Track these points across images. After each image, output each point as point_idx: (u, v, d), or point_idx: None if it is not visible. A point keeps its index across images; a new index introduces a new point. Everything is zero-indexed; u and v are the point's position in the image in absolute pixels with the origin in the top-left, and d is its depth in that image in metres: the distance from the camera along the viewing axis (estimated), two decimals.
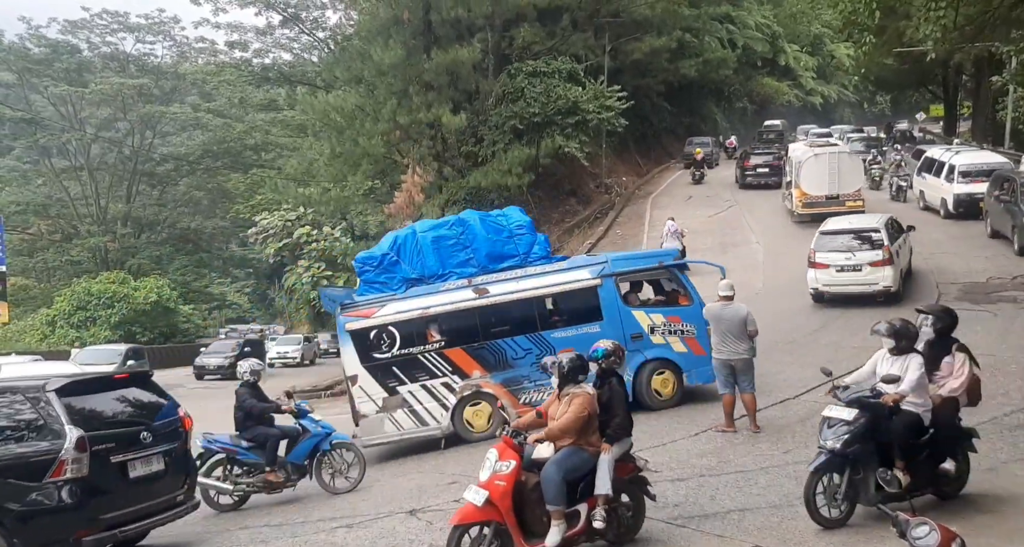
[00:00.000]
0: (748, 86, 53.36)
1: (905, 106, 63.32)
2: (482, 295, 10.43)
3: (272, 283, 56.62)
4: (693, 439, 8.79)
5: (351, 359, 10.50)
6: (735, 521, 6.31)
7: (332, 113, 26.96)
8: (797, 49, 54.70)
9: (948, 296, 14.01)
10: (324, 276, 40.48)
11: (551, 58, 30.90)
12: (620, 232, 27.39)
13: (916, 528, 3.05)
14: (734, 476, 7.39)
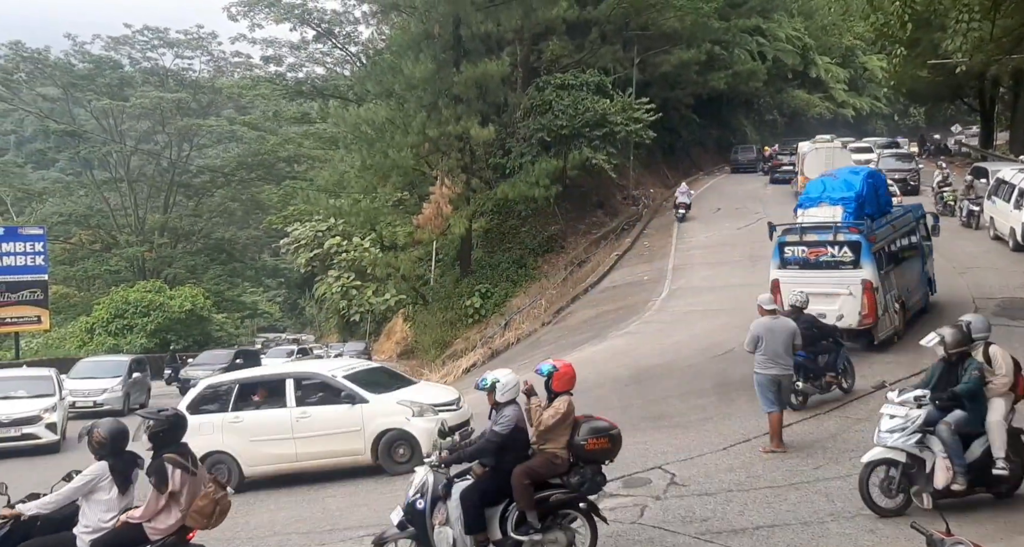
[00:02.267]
0: (778, 98, 52.94)
1: (940, 118, 62.14)
2: None
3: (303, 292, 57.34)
4: (722, 453, 8.71)
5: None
6: (764, 538, 6.24)
7: (363, 126, 27.38)
8: (828, 61, 54.13)
9: (985, 311, 13.71)
10: (353, 286, 40.88)
11: (579, 71, 31.05)
12: (647, 244, 27.29)
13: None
14: (763, 492, 7.30)
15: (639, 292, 21.02)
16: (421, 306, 33.25)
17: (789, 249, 12.37)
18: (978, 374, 6.41)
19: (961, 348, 6.52)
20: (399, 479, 9.89)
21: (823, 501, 6.84)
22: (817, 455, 8.20)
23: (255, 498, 10.13)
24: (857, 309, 11.55)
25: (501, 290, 28.99)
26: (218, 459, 9.96)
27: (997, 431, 6.30)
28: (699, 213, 30.30)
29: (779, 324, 8.63)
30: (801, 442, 8.71)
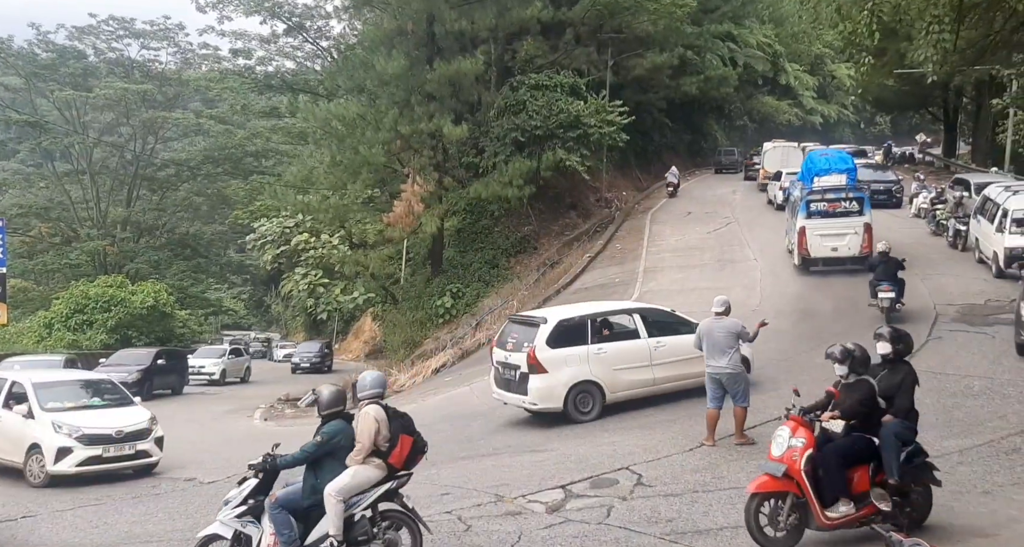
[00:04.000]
0: (749, 104, 53.65)
1: (905, 127, 63.63)
2: None
3: (269, 290, 56.58)
4: (688, 454, 8.75)
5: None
6: (727, 539, 6.25)
7: (333, 121, 27.04)
8: (798, 68, 55.02)
9: (945, 317, 14.00)
10: (321, 284, 40.40)
11: (553, 72, 31.09)
12: (620, 246, 27.40)
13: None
14: (728, 492, 7.33)
15: (611, 294, 21.09)
16: (390, 305, 32.98)
17: (814, 204, 17.81)
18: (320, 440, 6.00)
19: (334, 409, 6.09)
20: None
21: None
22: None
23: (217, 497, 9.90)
24: (859, 243, 17.39)
25: (472, 290, 28.87)
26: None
27: (329, 504, 5.75)
28: (669, 217, 30.56)
29: (719, 324, 8.98)
30: (765, 443, 8.75)
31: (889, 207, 25.59)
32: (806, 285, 17.69)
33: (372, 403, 6.09)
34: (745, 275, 19.69)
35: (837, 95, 59.84)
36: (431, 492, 8.52)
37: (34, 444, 10.75)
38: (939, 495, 6.73)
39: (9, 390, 11.46)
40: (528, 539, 6.58)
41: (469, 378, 16.71)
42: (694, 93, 42.78)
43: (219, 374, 29.52)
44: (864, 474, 5.97)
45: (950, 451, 7.86)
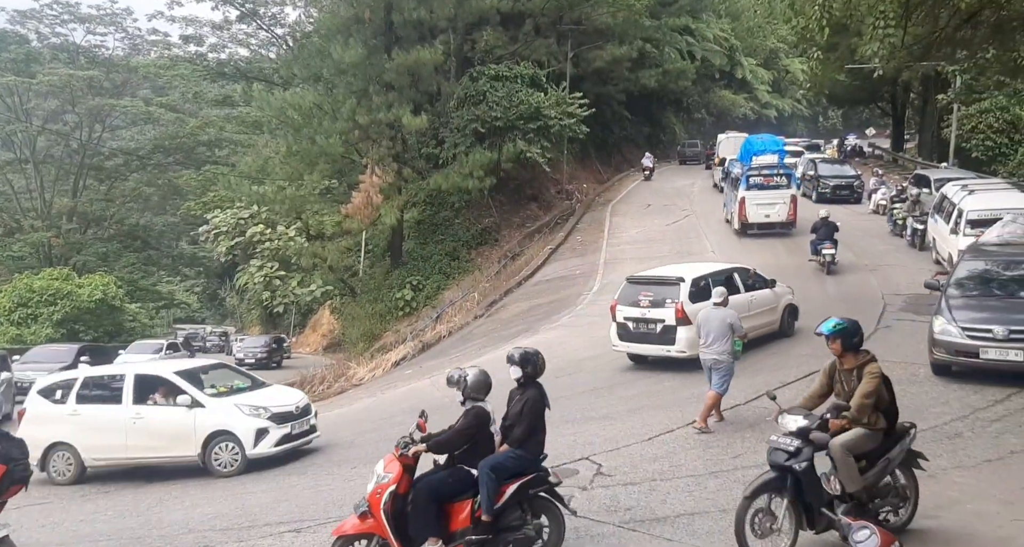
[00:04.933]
0: (706, 98, 54.42)
1: (856, 121, 65.35)
2: None
3: (223, 282, 55.40)
4: (647, 443, 8.85)
5: None
6: (685, 525, 6.36)
7: (289, 110, 26.54)
8: (753, 62, 56.00)
9: (893, 307, 14.45)
10: (277, 276, 39.75)
11: (513, 63, 31.02)
12: (580, 239, 27.55)
13: (858, 532, 3.11)
14: (685, 480, 7.45)
15: (571, 286, 21.21)
16: (349, 298, 32.62)
17: (752, 179, 21.81)
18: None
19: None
20: (323, 475, 9.63)
21: (740, 488, 6.98)
22: (736, 445, 8.43)
23: (167, 494, 9.70)
24: (787, 210, 21.69)
25: (433, 282, 28.73)
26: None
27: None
28: (630, 210, 30.84)
29: (716, 313, 9.29)
30: (721, 432, 8.95)
31: (850, 203, 25.82)
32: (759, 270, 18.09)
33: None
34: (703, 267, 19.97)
35: (791, 89, 61.12)
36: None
37: (216, 433, 10.12)
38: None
39: (137, 385, 10.51)
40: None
41: (430, 371, 16.64)
42: (653, 86, 43.19)
43: None
44: (465, 509, 5.63)
45: None
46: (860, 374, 5.59)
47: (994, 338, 9.40)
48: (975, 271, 10.70)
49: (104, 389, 10.80)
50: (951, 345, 9.71)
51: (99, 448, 10.38)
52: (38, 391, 10.75)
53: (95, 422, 10.32)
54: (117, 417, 10.32)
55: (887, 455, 5.55)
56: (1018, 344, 9.27)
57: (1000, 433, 8.02)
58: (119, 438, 10.22)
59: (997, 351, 9.39)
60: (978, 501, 6.34)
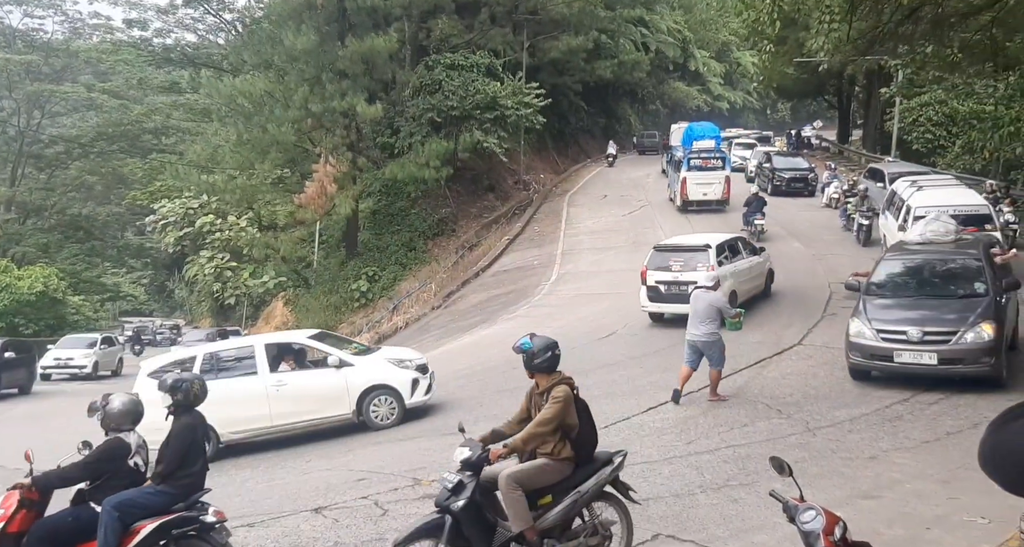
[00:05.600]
0: (661, 89, 55.05)
1: (804, 114, 66.90)
2: None
3: (172, 274, 53.92)
4: (602, 432, 8.93)
5: None
6: (639, 511, 6.45)
7: (239, 98, 25.91)
8: (706, 55, 56.82)
9: (839, 295, 14.91)
10: (228, 267, 38.89)
11: (469, 52, 30.84)
12: (538, 229, 27.64)
13: (804, 513, 3.20)
14: (640, 467, 7.57)
15: (529, 276, 21.29)
16: (303, 289, 32.13)
17: (693, 161, 24.57)
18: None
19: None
20: (276, 468, 9.49)
21: (694, 474, 7.19)
22: (689, 431, 8.60)
23: None
24: (722, 190, 24.47)
25: (389, 273, 28.48)
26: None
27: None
28: (587, 200, 31.06)
29: (704, 296, 9.62)
30: (675, 419, 9.13)
31: (803, 196, 25.92)
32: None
33: None
34: None
35: (742, 82, 62.24)
36: (346, 478, 8.41)
37: (372, 388, 10.38)
38: (831, 462, 7.21)
39: (269, 354, 10.41)
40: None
41: None
42: (608, 77, 43.47)
43: (91, 367, 25.26)
44: None
45: (841, 420, 8.41)
46: (549, 397, 4.92)
47: (908, 340, 9.10)
48: (894, 271, 10.38)
49: (229, 363, 10.62)
50: (866, 348, 9.40)
51: (238, 421, 10.08)
52: (149, 374, 10.23)
53: (231, 396, 9.78)
54: (256, 388, 10.14)
55: (578, 488, 4.87)
56: (932, 346, 8.98)
57: (938, 415, 8.36)
58: (261, 408, 10.10)
59: (911, 354, 9.09)
60: (917, 481, 6.61)
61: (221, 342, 11.63)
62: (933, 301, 9.65)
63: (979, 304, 9.22)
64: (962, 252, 10.28)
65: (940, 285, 9.96)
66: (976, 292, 9.49)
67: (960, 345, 8.87)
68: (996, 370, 8.87)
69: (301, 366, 10.65)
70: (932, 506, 6.04)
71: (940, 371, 9.02)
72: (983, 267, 9.70)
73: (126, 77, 48.68)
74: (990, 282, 9.48)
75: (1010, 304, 9.87)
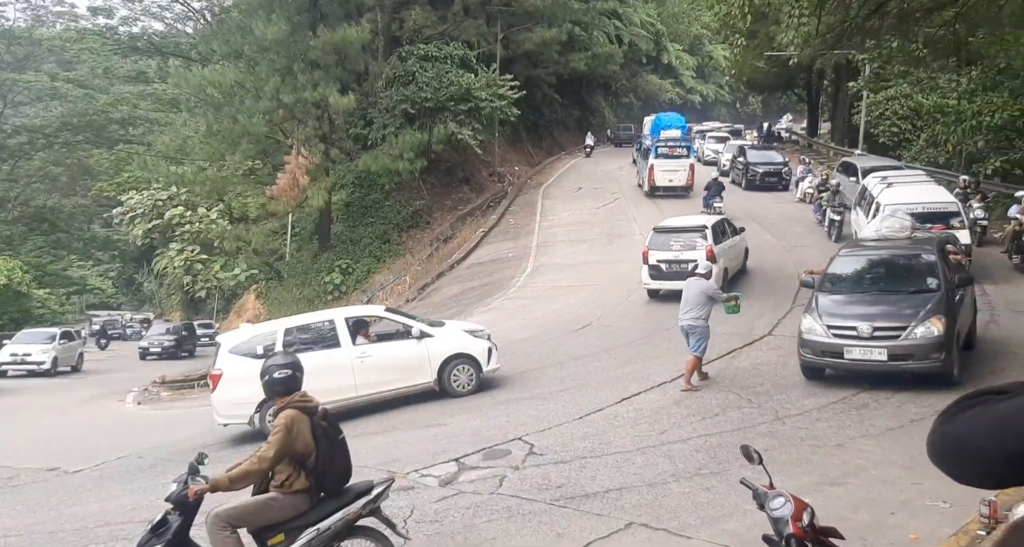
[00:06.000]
0: (634, 82, 55.28)
1: (774, 107, 67.66)
2: None
3: (140, 267, 52.98)
4: (578, 422, 9.05)
5: None
6: (613, 500, 6.56)
7: (209, 88, 25.48)
8: (679, 48, 57.15)
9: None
10: (199, 260, 38.33)
11: (443, 43, 30.66)
12: (512, 221, 27.64)
13: (773, 500, 3.28)
14: (614, 457, 7.67)
15: (504, 269, 21.30)
16: (275, 282, 31.78)
17: (660, 149, 26.12)
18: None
19: None
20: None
21: (666, 463, 7.30)
22: (662, 421, 8.72)
23: (82, 487, 9.31)
24: (686, 176, 26.11)
25: (363, 266, 28.30)
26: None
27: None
28: (561, 193, 31.12)
29: (696, 284, 9.98)
30: (648, 409, 9.24)
31: (777, 190, 25.84)
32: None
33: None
34: (632, 249, 20.37)
35: (714, 75, 62.74)
36: None
37: (453, 356, 10.90)
38: (799, 450, 7.37)
39: (351, 327, 10.66)
40: (421, 513, 6.62)
41: None
42: (582, 69, 43.52)
43: (50, 362, 24.04)
44: None
45: (809, 409, 8.59)
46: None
47: (858, 336, 8.92)
48: (847, 267, 10.24)
49: (311, 336, 10.75)
50: (816, 345, 9.22)
51: (324, 392, 9.93)
52: (230, 350, 10.30)
53: (316, 368, 9.56)
54: (341, 360, 10.36)
55: (318, 525, 4.39)
56: (882, 342, 8.81)
57: (902, 403, 8.58)
58: (346, 379, 10.35)
59: (861, 350, 8.90)
60: (882, 467, 6.79)
61: (299, 317, 11.73)
62: (884, 297, 9.53)
63: (930, 299, 9.04)
64: (916, 248, 10.11)
65: (892, 281, 9.82)
66: (928, 288, 9.31)
67: (910, 340, 8.71)
68: (946, 366, 8.70)
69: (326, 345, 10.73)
70: (896, 492, 6.21)
71: (890, 367, 8.86)
72: (936, 263, 9.52)
73: (91, 66, 47.53)
74: (942, 278, 9.30)
75: (965, 301, 9.77)
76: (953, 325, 8.87)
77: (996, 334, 11.15)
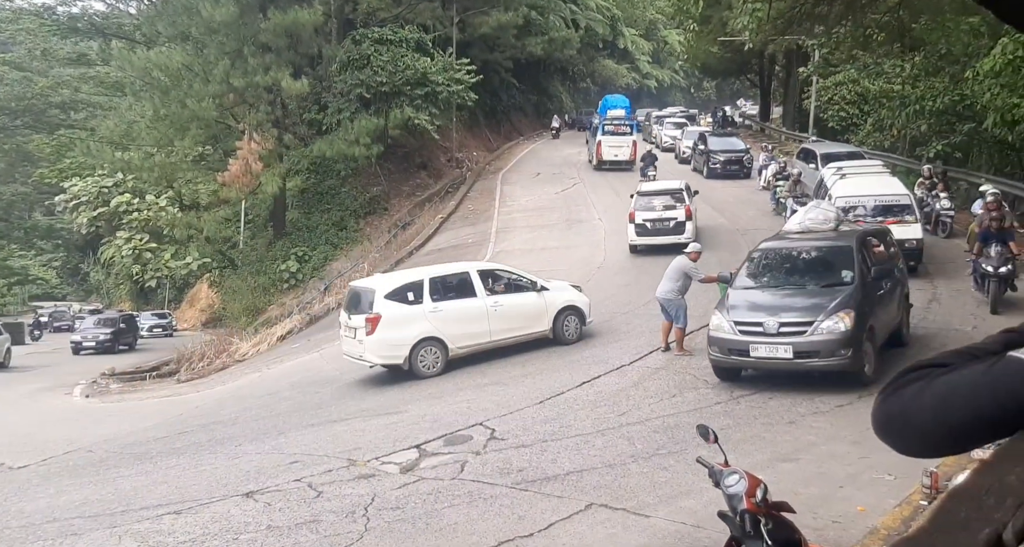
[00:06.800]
0: (591, 67, 55.34)
1: (728, 92, 68.61)
2: None
3: (86, 256, 51.20)
4: (538, 406, 9.12)
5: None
6: (573, 482, 6.65)
7: (155, 71, 24.65)
8: (634, 33, 57.36)
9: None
10: (148, 248, 37.24)
11: (398, 26, 30.19)
12: (472, 207, 27.51)
13: (728, 477, 3.36)
14: (574, 439, 7.76)
15: (464, 255, 21.20)
16: (229, 270, 31.10)
17: (607, 127, 28.97)
18: None
19: None
20: (204, 454, 9.25)
21: (625, 444, 7.42)
22: (622, 403, 8.85)
23: (28, 483, 9.02)
24: (629, 152, 28.55)
25: (320, 253, 27.88)
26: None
27: None
28: (520, 178, 31.09)
29: (677, 260, 10.70)
30: (608, 392, 9.36)
31: (739, 178, 25.13)
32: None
33: None
34: (591, 234, 20.56)
35: (669, 60, 63.20)
36: (278, 461, 8.29)
37: (565, 308, 11.96)
38: (753, 428, 7.56)
39: (482, 279, 11.70)
40: (382, 500, 6.61)
41: (319, 344, 16.26)
42: (539, 54, 43.37)
43: None
44: None
45: (763, 388, 8.81)
46: None
47: (765, 333, 8.45)
48: (763, 262, 9.77)
49: (450, 286, 11.58)
50: (724, 343, 8.73)
51: (464, 337, 11.30)
52: (386, 296, 11.03)
53: (458, 315, 11.20)
54: (479, 307, 11.35)
55: None
56: (788, 338, 8.33)
57: (851, 381, 8.85)
58: (482, 325, 11.36)
59: (767, 348, 8.42)
60: (831, 443, 7.02)
61: (439, 267, 12.64)
62: (796, 291, 9.06)
63: (840, 293, 8.58)
64: (834, 240, 9.53)
65: (806, 275, 9.34)
66: (842, 281, 8.84)
67: (815, 336, 8.22)
68: (855, 363, 8.21)
69: (464, 294, 11.58)
70: (845, 466, 6.43)
71: (796, 365, 8.41)
72: (852, 255, 8.99)
73: (28, 48, 45.50)
74: (858, 271, 8.79)
75: (894, 296, 9.40)
76: (864, 320, 8.38)
77: (928, 331, 10.51)
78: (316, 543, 5.91)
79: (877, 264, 9.27)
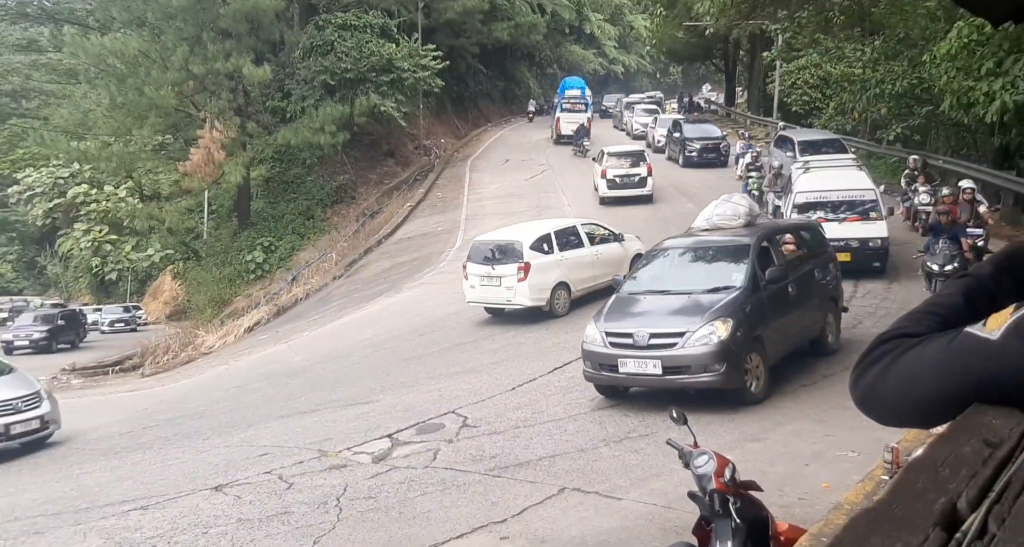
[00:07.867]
0: (557, 52, 55.21)
1: (694, 77, 68.99)
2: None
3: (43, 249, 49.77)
4: (510, 393, 9.14)
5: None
6: (546, 467, 6.69)
7: (110, 58, 23.94)
8: (601, 18, 57.29)
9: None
10: (108, 240, 36.35)
11: (362, 11, 29.75)
12: (440, 195, 27.35)
13: (697, 458, 3.40)
14: (547, 425, 7.80)
15: (433, 243, 21.11)
16: (193, 262, 30.54)
17: (565, 106, 32.74)
18: None
19: None
20: (171, 448, 9.11)
21: (597, 429, 7.48)
22: (592, 388, 8.90)
23: None
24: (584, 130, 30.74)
25: (287, 243, 27.51)
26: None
27: None
28: (489, 165, 30.98)
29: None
30: (579, 377, 9.38)
31: (716, 166, 24.28)
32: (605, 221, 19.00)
33: None
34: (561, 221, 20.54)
35: (636, 46, 63.30)
36: (248, 454, 8.19)
37: (637, 256, 12.83)
38: (721, 407, 7.67)
39: (586, 231, 13.49)
40: (354, 490, 6.58)
41: (287, 334, 16.08)
42: (506, 39, 43.13)
43: None
44: None
45: None
46: None
47: (634, 345, 7.54)
48: (655, 262, 8.86)
49: (566, 238, 13.15)
50: (596, 357, 7.83)
51: (581, 281, 12.93)
52: (530, 246, 12.43)
53: (576, 262, 12.94)
54: (588, 255, 13.16)
55: None
56: (657, 352, 7.41)
57: (815, 361, 9.03)
58: (590, 271, 13.09)
59: (636, 362, 7.49)
60: (797, 422, 7.16)
61: (555, 222, 14.27)
62: (676, 297, 8.05)
63: (721, 299, 7.63)
64: (732, 238, 8.52)
65: (693, 278, 8.32)
66: (730, 285, 7.84)
67: (686, 349, 7.32)
68: (730, 380, 7.30)
69: (576, 245, 13.19)
70: (810, 444, 6.57)
71: (666, 383, 7.54)
72: (748, 256, 8.01)
73: None
74: (748, 273, 7.83)
75: (800, 301, 8.41)
76: (750, 329, 7.54)
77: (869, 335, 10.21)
78: (288, 534, 5.86)
79: (784, 265, 8.22)
